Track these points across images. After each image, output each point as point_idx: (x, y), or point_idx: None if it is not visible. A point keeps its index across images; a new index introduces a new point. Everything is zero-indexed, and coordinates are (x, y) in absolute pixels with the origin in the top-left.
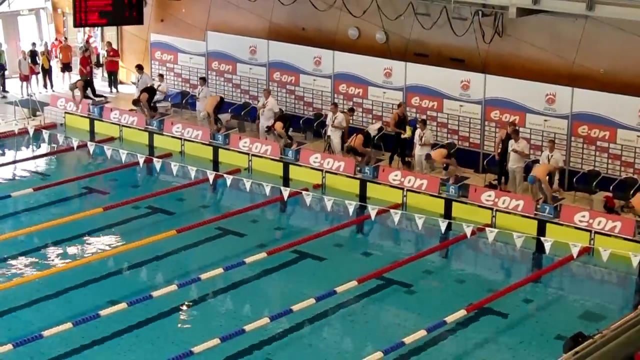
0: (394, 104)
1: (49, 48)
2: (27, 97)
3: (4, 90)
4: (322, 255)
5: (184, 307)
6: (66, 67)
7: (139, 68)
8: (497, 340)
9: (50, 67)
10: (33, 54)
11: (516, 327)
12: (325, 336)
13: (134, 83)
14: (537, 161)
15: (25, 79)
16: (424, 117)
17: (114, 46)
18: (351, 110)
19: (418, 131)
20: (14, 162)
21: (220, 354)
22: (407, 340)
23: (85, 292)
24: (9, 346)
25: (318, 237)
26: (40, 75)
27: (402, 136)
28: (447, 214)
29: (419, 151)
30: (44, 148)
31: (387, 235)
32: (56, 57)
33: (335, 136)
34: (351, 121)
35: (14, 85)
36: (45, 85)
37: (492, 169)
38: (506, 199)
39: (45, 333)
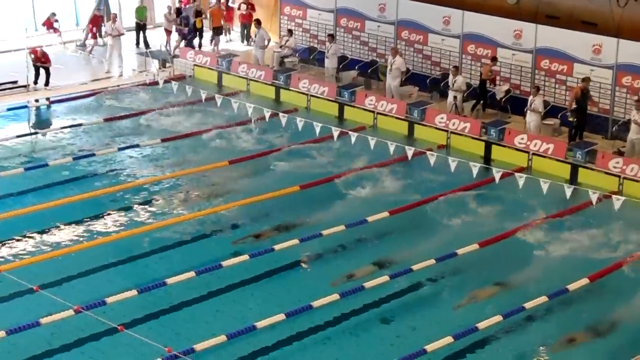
0: (525, 66)
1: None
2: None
3: (146, 45)
4: (444, 216)
5: (305, 262)
6: (217, 31)
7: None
8: (614, 308)
9: (202, 27)
10: (179, 11)
11: (636, 299)
12: (445, 297)
13: (253, 41)
14: None
15: (168, 34)
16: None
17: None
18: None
19: (530, 97)
20: (143, 112)
21: (338, 310)
22: (527, 305)
23: (209, 243)
24: (134, 292)
25: (441, 198)
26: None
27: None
28: (573, 180)
29: (528, 118)
30: (173, 99)
31: (510, 199)
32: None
33: (451, 97)
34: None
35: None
36: (200, 45)
37: (622, 136)
38: (634, 166)
39: (169, 281)
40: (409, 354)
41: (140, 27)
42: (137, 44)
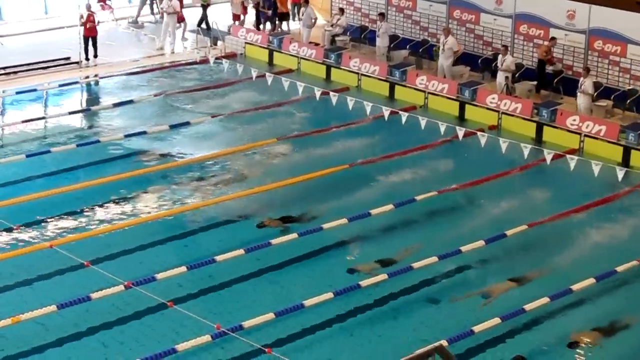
0: (578, 47)
1: None
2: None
3: (199, 24)
4: (494, 197)
5: (353, 241)
6: (283, 17)
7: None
8: None
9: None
10: None
11: None
12: (493, 278)
13: (300, 19)
14: None
15: (236, 18)
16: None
17: None
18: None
19: (580, 79)
20: (194, 90)
21: (386, 290)
22: (575, 287)
23: (258, 221)
24: (184, 268)
25: (491, 180)
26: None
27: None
28: (626, 162)
29: (579, 99)
30: (223, 77)
31: (561, 181)
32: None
33: (501, 77)
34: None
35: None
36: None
37: None
38: None
39: (218, 258)
40: (456, 334)
41: (205, 8)
42: (208, 26)
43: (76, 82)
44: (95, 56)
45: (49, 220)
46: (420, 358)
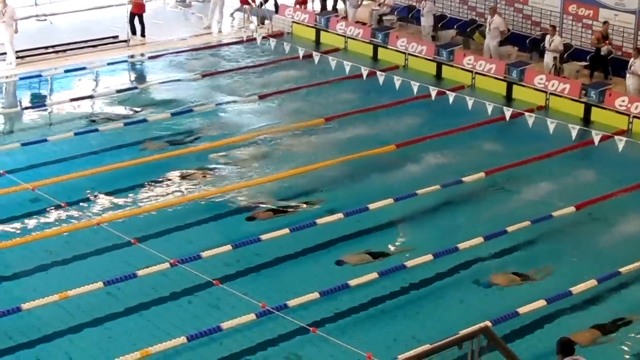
0: (627, 27)
1: None
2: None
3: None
4: (541, 178)
5: (398, 221)
6: None
7: None
8: None
9: None
10: None
11: None
12: (539, 259)
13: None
14: None
15: (302, 2)
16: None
17: None
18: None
19: (631, 60)
20: (241, 68)
21: (431, 270)
22: (623, 270)
23: (303, 200)
24: (229, 247)
25: (537, 161)
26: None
27: None
28: None
29: (628, 80)
30: (270, 56)
31: (610, 162)
32: None
33: (549, 58)
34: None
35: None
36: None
37: None
38: None
39: (263, 237)
40: (500, 315)
41: None
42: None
43: (124, 61)
44: (143, 35)
45: (96, 197)
46: (465, 339)
